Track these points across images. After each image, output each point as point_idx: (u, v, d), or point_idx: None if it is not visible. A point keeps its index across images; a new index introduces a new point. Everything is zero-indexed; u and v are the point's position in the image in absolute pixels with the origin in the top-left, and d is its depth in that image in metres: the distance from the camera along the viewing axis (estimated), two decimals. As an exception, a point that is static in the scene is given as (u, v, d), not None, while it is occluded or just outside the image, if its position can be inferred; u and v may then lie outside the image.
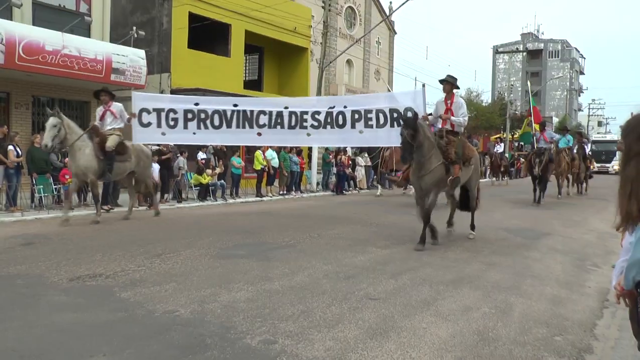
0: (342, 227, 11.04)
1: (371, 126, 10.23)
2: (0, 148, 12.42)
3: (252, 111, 10.81)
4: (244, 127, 10.82)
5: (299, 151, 20.25)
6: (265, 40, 25.57)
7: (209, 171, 16.91)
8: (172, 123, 10.94)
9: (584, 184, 22.10)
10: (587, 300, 6.09)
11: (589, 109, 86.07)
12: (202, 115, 10.87)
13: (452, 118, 9.30)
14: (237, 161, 17.86)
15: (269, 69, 27.63)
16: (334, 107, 10.62)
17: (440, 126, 9.42)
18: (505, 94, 53.47)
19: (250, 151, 20.68)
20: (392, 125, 10.04)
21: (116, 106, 11.56)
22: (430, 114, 9.63)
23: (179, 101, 11.44)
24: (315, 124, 10.64)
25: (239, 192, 17.94)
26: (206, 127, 10.87)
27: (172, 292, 5.70)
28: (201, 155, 17.18)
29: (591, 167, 23.73)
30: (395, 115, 10.04)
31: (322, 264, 7.27)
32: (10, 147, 12.47)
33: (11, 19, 15.21)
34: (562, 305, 5.79)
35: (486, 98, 56.18)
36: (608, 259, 8.37)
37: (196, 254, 7.80)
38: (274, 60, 27.83)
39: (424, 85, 27.32)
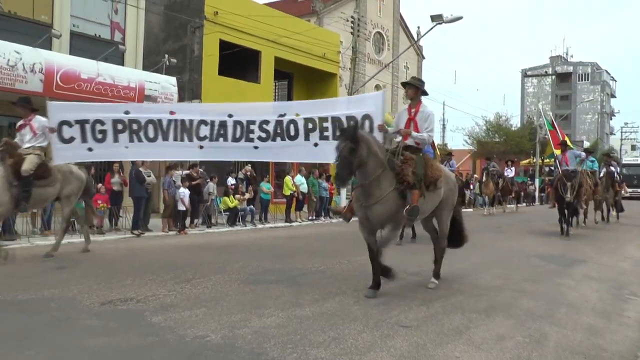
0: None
1: (327, 137, 8.39)
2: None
3: (191, 121, 9.35)
4: (182, 139, 9.35)
5: (328, 177, 20.29)
6: (295, 67, 25.85)
7: (239, 196, 17.03)
8: (99, 136, 9.32)
9: (610, 211, 20.21)
10: (626, 330, 5.91)
11: (622, 132, 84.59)
12: (134, 126, 9.34)
13: (414, 134, 7.27)
14: (266, 186, 17.98)
15: (298, 95, 27.87)
16: (284, 115, 9.01)
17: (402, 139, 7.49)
18: (535, 118, 52.96)
19: (279, 177, 20.80)
20: None
21: (38, 120, 9.73)
22: (391, 127, 7.97)
23: (106, 110, 9.79)
24: (264, 135, 9.13)
25: (268, 218, 18.00)
26: (140, 140, 9.36)
27: (203, 317, 5.71)
28: (231, 181, 17.33)
29: (622, 191, 21.80)
30: (351, 124, 8.16)
31: (352, 290, 7.21)
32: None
33: (50, 49, 15.70)
34: (599, 336, 5.63)
35: (515, 122, 55.75)
36: (647, 288, 8.14)
37: (226, 279, 7.81)
38: (303, 86, 28.08)
39: (384, 87, 27.10)
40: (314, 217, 19.33)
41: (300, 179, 18.62)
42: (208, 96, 20.87)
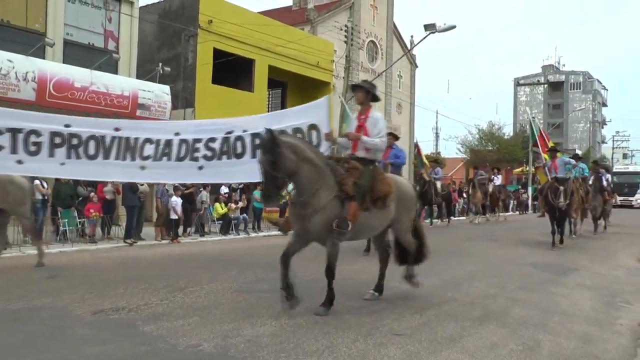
0: (365, 261, 10.93)
1: None
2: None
3: (136, 139, 8.83)
4: (124, 158, 8.79)
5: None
6: (289, 75, 25.91)
7: (232, 205, 17.00)
8: (33, 148, 8.47)
9: (600, 221, 19.31)
10: (619, 338, 5.92)
11: (613, 141, 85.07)
12: (74, 141, 8.64)
13: (364, 138, 6.66)
14: (259, 195, 17.94)
15: (292, 103, 27.84)
16: (232, 132, 8.65)
17: (351, 150, 6.90)
18: (527, 127, 53.30)
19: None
20: None
21: None
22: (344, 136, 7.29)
23: (45, 121, 8.84)
24: (209, 154, 8.68)
25: (261, 226, 17.95)
26: (78, 157, 8.67)
27: (195, 326, 5.68)
28: (224, 189, 17.30)
29: (612, 200, 21.46)
30: (299, 136, 7.77)
31: (345, 299, 7.18)
32: (37, 182, 12.68)
33: (44, 57, 15.68)
34: (592, 344, 5.63)
35: (508, 131, 56.04)
36: (639, 296, 8.17)
37: (219, 288, 7.78)
38: (297, 94, 28.13)
39: (333, 87, 27.15)
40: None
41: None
42: (202, 105, 20.88)
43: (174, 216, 14.61)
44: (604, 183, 19.44)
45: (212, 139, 8.70)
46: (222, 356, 4.76)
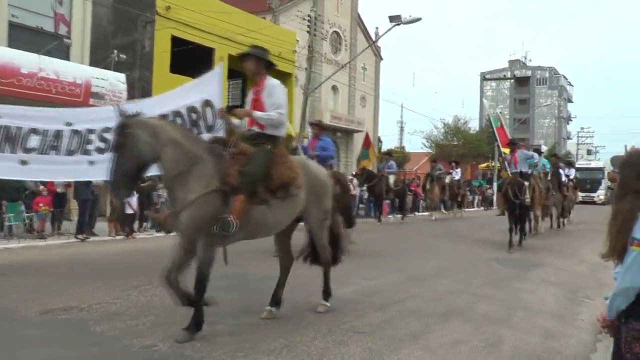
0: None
1: None
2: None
3: (19, 128, 7.92)
4: (2, 150, 7.91)
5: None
6: (249, 65, 25.74)
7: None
8: None
9: (561, 218, 19.49)
10: (580, 333, 6.09)
11: (578, 137, 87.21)
12: None
13: (255, 114, 5.73)
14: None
15: (252, 95, 27.78)
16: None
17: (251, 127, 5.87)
18: (491, 120, 54.14)
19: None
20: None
21: None
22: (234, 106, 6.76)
23: None
24: (102, 145, 7.88)
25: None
26: None
27: (150, 326, 5.61)
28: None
29: (574, 196, 21.50)
30: (194, 117, 7.26)
31: (305, 296, 7.20)
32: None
33: (-16, 40, 15.21)
34: (554, 339, 5.78)
35: (474, 126, 56.88)
36: (601, 291, 8.38)
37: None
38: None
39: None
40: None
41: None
42: (159, 94, 20.58)
43: (129, 211, 14.37)
44: (564, 178, 19.32)
45: (107, 129, 7.71)
46: (178, 356, 4.72)
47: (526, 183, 13.08)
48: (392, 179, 20.72)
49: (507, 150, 15.16)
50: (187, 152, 5.15)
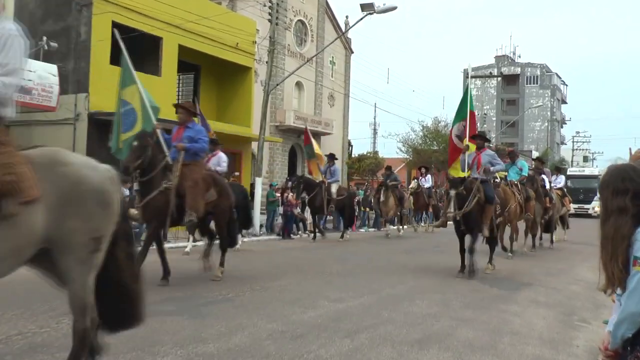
0: (289, 277, 10.95)
1: None
2: None
3: None
4: None
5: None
6: (202, 58, 25.61)
7: (132, 210, 16.60)
8: None
9: (547, 233, 18.66)
10: (574, 361, 6.16)
11: (573, 142, 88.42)
12: None
13: None
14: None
15: (205, 91, 27.63)
16: None
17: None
18: (478, 124, 54.75)
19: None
20: None
21: None
22: None
23: None
24: None
25: (167, 236, 17.63)
26: None
27: None
28: (125, 192, 16.89)
29: (565, 207, 20.65)
30: None
31: (265, 321, 7.16)
32: None
33: None
34: (545, 368, 5.83)
35: (457, 128, 57.37)
36: (599, 314, 8.53)
37: (113, 310, 7.56)
38: (212, 81, 27.88)
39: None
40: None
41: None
42: (97, 89, 20.29)
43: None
44: (547, 185, 18.05)
45: None
46: (114, 392, 4.62)
47: (452, 192, 11.48)
48: (334, 187, 20.02)
49: (471, 146, 12.88)
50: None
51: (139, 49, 22.46)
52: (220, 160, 12.97)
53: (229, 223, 10.93)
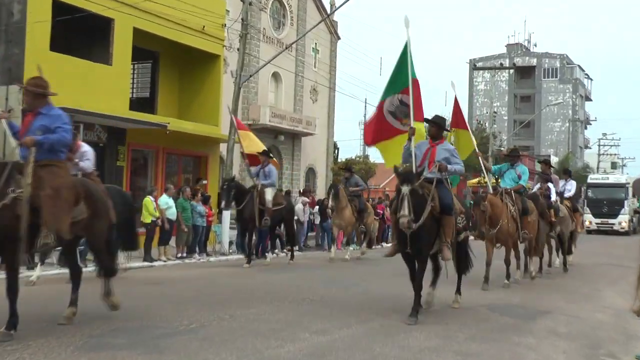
0: (264, 304, 10.93)
1: None
2: None
3: None
4: None
5: (205, 198, 20.12)
6: (162, 43, 25.53)
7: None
8: None
9: (553, 256, 18.30)
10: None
11: (599, 145, 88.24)
12: None
13: None
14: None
15: (165, 83, 27.51)
16: None
17: None
18: (487, 124, 55.07)
19: (135, 197, 20.35)
20: None
21: None
22: None
23: None
24: None
25: (32, 260, 17.43)
26: None
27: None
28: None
29: (573, 223, 19.16)
30: None
31: (235, 357, 7.15)
32: None
33: None
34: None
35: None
36: (630, 347, 8.57)
37: (54, 345, 7.52)
38: (174, 70, 27.77)
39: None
40: (185, 254, 19.06)
41: (166, 201, 18.32)
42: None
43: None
44: (553, 197, 17.27)
45: None
46: None
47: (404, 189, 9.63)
48: (269, 194, 17.96)
49: (425, 133, 11.57)
50: None
51: (85, 32, 22.43)
52: (83, 156, 11.23)
53: (107, 245, 9.52)
